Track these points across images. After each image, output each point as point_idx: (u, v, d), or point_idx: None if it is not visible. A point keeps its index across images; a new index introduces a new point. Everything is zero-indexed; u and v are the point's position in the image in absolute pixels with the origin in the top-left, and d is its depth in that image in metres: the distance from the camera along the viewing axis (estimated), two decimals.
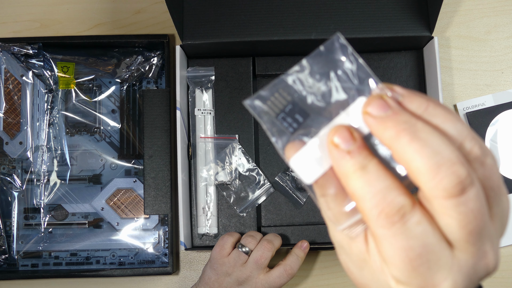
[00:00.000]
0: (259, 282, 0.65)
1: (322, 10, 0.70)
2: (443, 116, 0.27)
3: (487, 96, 0.76)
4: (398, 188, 0.26)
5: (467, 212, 0.25)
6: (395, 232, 0.26)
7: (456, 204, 0.25)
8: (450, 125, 0.26)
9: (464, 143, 0.27)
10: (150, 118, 0.72)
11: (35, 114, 0.76)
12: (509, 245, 0.75)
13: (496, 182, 0.27)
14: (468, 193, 0.25)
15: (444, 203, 0.25)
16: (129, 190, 0.76)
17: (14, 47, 0.75)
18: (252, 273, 0.65)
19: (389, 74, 0.74)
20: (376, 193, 0.26)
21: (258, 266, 0.65)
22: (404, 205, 0.26)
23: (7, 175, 0.75)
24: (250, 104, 0.28)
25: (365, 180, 0.26)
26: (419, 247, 0.26)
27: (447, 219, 0.26)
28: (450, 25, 0.79)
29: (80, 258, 0.75)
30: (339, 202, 0.28)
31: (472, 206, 0.25)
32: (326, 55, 0.29)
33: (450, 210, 0.25)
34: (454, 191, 0.25)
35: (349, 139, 0.27)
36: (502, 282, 0.75)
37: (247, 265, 0.65)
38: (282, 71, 0.74)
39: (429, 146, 0.25)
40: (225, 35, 0.69)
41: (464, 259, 0.26)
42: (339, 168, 0.27)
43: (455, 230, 0.26)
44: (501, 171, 0.75)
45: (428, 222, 0.26)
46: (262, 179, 0.72)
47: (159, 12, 0.79)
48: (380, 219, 0.26)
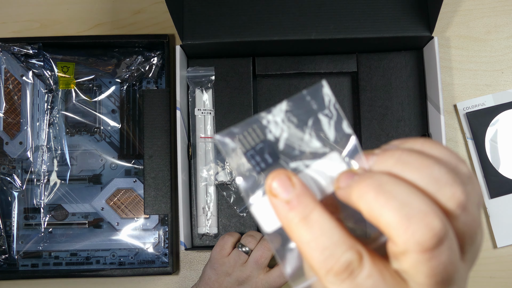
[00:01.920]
0: (259, 282, 0.65)
1: (322, 10, 0.70)
2: (417, 163, 0.24)
3: (487, 96, 0.76)
4: (345, 241, 0.25)
5: (438, 265, 0.24)
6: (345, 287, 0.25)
7: (429, 259, 0.23)
8: (426, 171, 0.24)
9: (443, 189, 0.24)
10: (150, 118, 0.72)
11: (35, 114, 0.76)
12: (509, 245, 0.75)
13: (475, 222, 0.25)
14: (443, 247, 0.23)
15: (417, 257, 0.24)
16: (129, 190, 0.76)
17: (14, 47, 0.75)
18: (252, 273, 0.65)
19: (389, 74, 0.74)
20: (323, 250, 0.25)
21: (258, 266, 0.65)
22: (352, 261, 0.24)
23: (7, 175, 0.75)
24: (220, 140, 0.27)
25: (310, 234, 0.25)
26: None
27: (415, 272, 0.24)
28: (450, 25, 0.79)
29: (80, 258, 0.75)
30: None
31: (445, 260, 0.24)
32: (309, 101, 0.28)
33: (422, 264, 0.24)
34: (429, 245, 0.23)
35: (287, 186, 0.25)
36: (502, 282, 0.75)
37: (247, 265, 0.65)
38: (282, 71, 0.74)
39: (396, 198, 0.23)
40: (225, 35, 0.69)
41: None
42: (281, 220, 0.26)
43: (421, 281, 0.24)
44: (501, 171, 0.75)
45: (378, 273, 0.25)
46: (261, 179, 0.72)
47: (159, 12, 0.79)
48: (329, 277, 0.25)
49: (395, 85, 0.73)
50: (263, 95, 0.74)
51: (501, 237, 0.74)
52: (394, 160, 0.25)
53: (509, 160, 0.75)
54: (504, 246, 0.75)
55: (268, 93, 0.74)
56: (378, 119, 0.73)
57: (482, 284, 0.75)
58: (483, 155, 0.75)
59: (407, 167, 0.25)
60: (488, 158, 0.75)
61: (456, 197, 0.24)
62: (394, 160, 0.25)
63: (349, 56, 0.74)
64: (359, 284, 0.24)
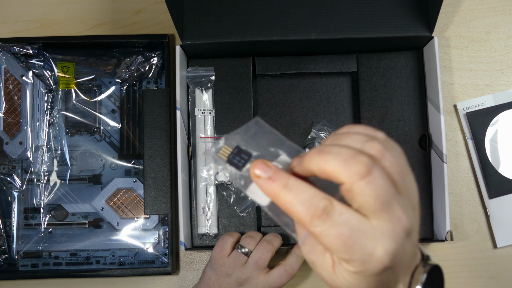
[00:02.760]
0: (259, 283, 0.65)
1: (322, 10, 0.70)
2: (346, 135, 0.36)
3: (487, 96, 0.76)
4: (318, 194, 0.34)
5: (377, 188, 0.33)
6: (327, 226, 0.34)
7: (368, 182, 0.33)
8: (351, 137, 0.36)
9: (364, 144, 0.35)
10: (150, 118, 0.72)
11: (35, 114, 0.76)
12: (509, 245, 0.75)
13: (398, 166, 0.35)
14: (374, 172, 0.33)
15: (359, 185, 0.33)
16: (129, 190, 0.76)
17: (14, 47, 0.75)
18: (252, 274, 0.65)
19: (389, 74, 0.74)
20: (304, 203, 0.34)
21: (258, 267, 0.65)
22: (327, 205, 0.34)
23: (7, 175, 0.75)
24: (213, 156, 0.38)
25: (291, 195, 0.34)
26: (347, 230, 0.33)
27: (363, 198, 0.33)
28: (450, 25, 0.79)
29: (80, 258, 0.75)
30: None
31: (380, 182, 0.33)
32: (254, 129, 0.39)
33: (364, 189, 0.33)
34: (363, 172, 0.33)
35: (265, 168, 0.36)
36: (502, 282, 0.75)
37: (247, 266, 0.65)
38: (282, 71, 0.74)
39: (332, 153, 0.34)
40: (225, 35, 0.69)
41: (383, 225, 0.34)
42: (268, 193, 0.35)
43: (370, 204, 0.33)
44: (501, 171, 0.75)
45: (346, 210, 0.34)
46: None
47: (159, 12, 0.79)
48: (313, 221, 0.34)
49: (395, 85, 0.73)
50: (263, 95, 0.74)
51: (501, 237, 0.74)
52: (332, 137, 0.36)
53: (509, 160, 0.75)
54: (504, 246, 0.75)
55: (268, 93, 0.75)
56: (378, 119, 0.73)
57: (482, 284, 0.75)
58: (483, 155, 0.75)
59: (340, 137, 0.36)
60: (488, 158, 0.75)
61: (374, 146, 0.34)
62: (332, 137, 0.36)
63: (349, 56, 0.74)
64: (336, 221, 0.33)
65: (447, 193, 0.67)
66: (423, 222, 0.71)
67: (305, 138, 0.74)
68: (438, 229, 0.69)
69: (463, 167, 0.76)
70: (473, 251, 0.75)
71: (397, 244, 0.34)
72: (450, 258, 0.75)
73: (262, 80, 0.75)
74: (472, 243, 0.75)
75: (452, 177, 0.76)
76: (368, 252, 0.34)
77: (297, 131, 0.74)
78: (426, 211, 0.72)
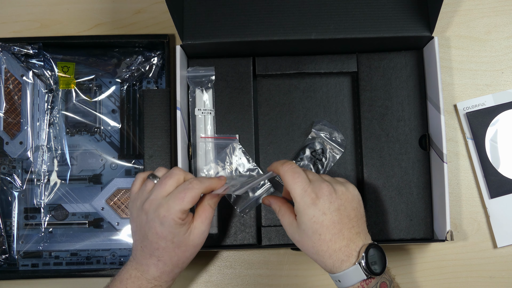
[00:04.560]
0: (162, 205, 0.58)
1: (322, 10, 0.70)
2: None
3: (487, 96, 0.76)
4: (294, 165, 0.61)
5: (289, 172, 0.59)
6: (294, 177, 0.59)
7: (302, 194, 0.58)
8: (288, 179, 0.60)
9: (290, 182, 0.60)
10: (150, 118, 0.72)
11: (35, 114, 0.76)
12: (509, 245, 0.75)
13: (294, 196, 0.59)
14: (308, 189, 0.58)
15: (297, 195, 0.58)
16: (129, 190, 0.76)
17: (14, 47, 0.75)
18: (156, 196, 0.59)
19: (389, 74, 0.74)
20: (289, 167, 0.60)
21: (163, 190, 0.59)
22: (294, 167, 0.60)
23: (7, 175, 0.75)
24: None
25: (288, 168, 0.60)
26: (305, 177, 0.59)
27: (299, 203, 0.58)
28: (450, 25, 0.79)
29: (81, 258, 0.75)
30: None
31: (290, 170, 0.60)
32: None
33: (301, 196, 0.58)
34: (302, 190, 0.58)
35: (284, 161, 0.61)
36: (502, 282, 0.75)
37: (152, 191, 0.60)
38: (282, 71, 0.74)
39: (289, 178, 0.59)
40: (225, 35, 0.70)
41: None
42: (279, 170, 0.61)
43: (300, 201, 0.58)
44: (501, 171, 0.75)
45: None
46: None
47: (159, 12, 0.80)
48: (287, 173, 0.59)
49: (395, 85, 0.73)
50: (263, 95, 0.74)
51: (501, 237, 0.75)
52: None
53: (509, 160, 0.75)
54: (504, 246, 0.75)
55: (268, 93, 0.75)
56: (378, 119, 0.73)
57: (482, 284, 0.75)
58: (483, 155, 0.75)
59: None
60: (488, 158, 0.75)
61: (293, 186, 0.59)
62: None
63: (349, 56, 0.74)
64: (298, 173, 0.60)
65: (447, 193, 0.67)
66: (423, 222, 0.71)
67: (305, 138, 0.74)
68: (438, 229, 0.69)
69: (463, 167, 0.76)
70: (473, 251, 0.75)
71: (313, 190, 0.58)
72: (450, 258, 0.75)
73: (262, 80, 0.75)
74: (472, 243, 0.75)
75: (452, 177, 0.76)
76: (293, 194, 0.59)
77: (297, 131, 0.74)
78: (426, 211, 0.72)
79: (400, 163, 0.72)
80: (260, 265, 0.76)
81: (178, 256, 0.60)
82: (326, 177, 0.61)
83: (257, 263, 0.76)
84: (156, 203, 0.58)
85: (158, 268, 0.60)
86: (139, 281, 0.60)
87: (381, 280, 0.56)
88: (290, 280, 0.75)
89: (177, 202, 0.58)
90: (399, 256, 0.75)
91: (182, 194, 0.58)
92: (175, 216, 0.58)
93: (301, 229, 0.58)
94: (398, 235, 0.71)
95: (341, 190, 0.59)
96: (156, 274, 0.61)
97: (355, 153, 0.74)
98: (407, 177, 0.72)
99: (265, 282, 0.75)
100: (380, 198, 0.72)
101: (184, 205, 0.58)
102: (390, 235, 0.71)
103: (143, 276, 0.60)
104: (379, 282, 0.56)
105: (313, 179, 0.59)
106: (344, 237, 0.56)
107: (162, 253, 0.60)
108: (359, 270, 0.55)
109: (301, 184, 0.58)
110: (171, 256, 0.60)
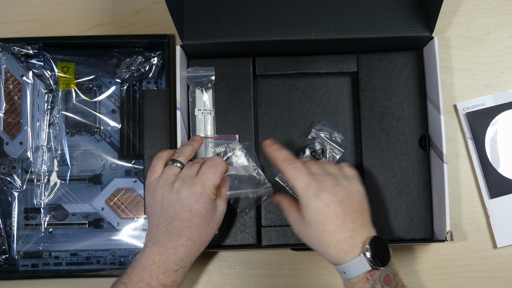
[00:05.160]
0: (196, 182, 0.61)
1: (322, 10, 0.70)
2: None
3: (487, 96, 0.77)
4: (290, 155, 0.63)
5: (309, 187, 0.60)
6: (295, 172, 0.60)
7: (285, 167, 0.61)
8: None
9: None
10: (150, 118, 0.72)
11: (35, 114, 0.76)
12: (509, 245, 0.75)
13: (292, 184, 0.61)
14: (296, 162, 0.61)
15: (300, 190, 0.59)
16: (129, 190, 0.76)
17: (14, 47, 0.75)
18: (186, 176, 0.61)
19: (389, 74, 0.74)
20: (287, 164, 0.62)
21: (192, 169, 0.62)
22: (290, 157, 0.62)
23: (7, 175, 0.75)
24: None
25: (286, 164, 0.61)
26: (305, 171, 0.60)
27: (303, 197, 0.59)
28: (450, 25, 0.79)
29: (80, 258, 0.75)
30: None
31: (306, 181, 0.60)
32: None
33: (305, 189, 0.59)
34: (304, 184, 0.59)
35: (283, 157, 0.63)
36: (502, 282, 0.75)
37: (181, 173, 0.62)
38: (282, 71, 0.74)
39: (290, 171, 0.61)
40: (225, 35, 0.70)
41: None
42: (279, 166, 0.63)
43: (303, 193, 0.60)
44: (501, 171, 0.75)
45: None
46: (262, 179, 0.72)
47: (159, 12, 0.80)
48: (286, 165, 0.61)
49: (395, 85, 0.73)
50: (263, 95, 0.74)
51: (501, 237, 0.75)
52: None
53: (509, 160, 0.75)
54: (504, 246, 0.75)
55: (268, 93, 0.75)
56: (378, 119, 0.73)
57: (482, 284, 0.75)
58: (483, 155, 0.75)
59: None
60: (488, 158, 0.75)
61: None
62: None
63: (349, 56, 0.74)
64: (300, 166, 0.61)
65: (447, 193, 0.67)
66: (423, 222, 0.71)
67: (305, 138, 0.74)
68: (438, 229, 0.69)
69: (463, 167, 0.76)
70: (473, 251, 0.75)
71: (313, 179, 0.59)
72: (450, 258, 0.75)
73: (262, 80, 0.75)
74: (472, 243, 0.75)
75: (452, 177, 0.76)
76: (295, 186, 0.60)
77: (297, 131, 0.74)
78: (426, 211, 0.72)
79: (400, 163, 0.72)
80: (260, 265, 0.76)
81: (207, 233, 0.63)
82: (332, 169, 0.62)
83: (257, 263, 0.76)
84: (189, 181, 0.61)
85: (186, 248, 0.61)
86: (164, 265, 0.61)
87: (385, 273, 0.57)
88: (290, 280, 0.75)
89: (210, 178, 0.61)
90: (399, 256, 0.75)
91: (213, 170, 0.62)
92: (209, 191, 0.61)
93: (305, 222, 0.59)
94: (398, 235, 0.71)
95: (345, 184, 0.60)
96: (183, 255, 0.61)
97: (355, 153, 0.74)
98: (407, 177, 0.72)
99: (265, 282, 0.75)
100: (380, 198, 0.72)
101: (216, 180, 0.62)
102: (390, 235, 0.71)
103: (169, 260, 0.61)
104: (383, 274, 0.56)
105: (316, 172, 0.60)
106: (348, 228, 0.57)
107: (194, 231, 0.61)
108: (363, 261, 0.56)
109: (302, 179, 0.59)
110: (201, 233, 0.62)
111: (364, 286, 0.56)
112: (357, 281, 0.57)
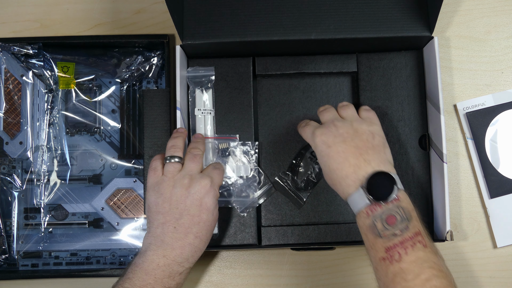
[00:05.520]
0: (205, 177, 0.63)
1: (322, 10, 0.70)
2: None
3: (487, 96, 0.77)
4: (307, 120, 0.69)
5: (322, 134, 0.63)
6: (305, 128, 0.66)
7: (320, 133, 0.63)
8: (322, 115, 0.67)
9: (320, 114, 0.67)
10: (150, 118, 0.72)
11: (35, 114, 0.76)
12: (509, 245, 0.75)
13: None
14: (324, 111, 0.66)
15: (314, 134, 0.63)
16: (129, 190, 0.76)
17: (14, 47, 0.75)
18: (193, 170, 0.63)
19: (389, 74, 0.74)
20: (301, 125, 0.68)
21: (196, 164, 0.64)
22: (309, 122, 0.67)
23: (7, 175, 0.75)
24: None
25: (300, 126, 0.68)
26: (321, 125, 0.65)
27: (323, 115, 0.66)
28: (450, 25, 0.79)
29: (80, 258, 0.75)
30: None
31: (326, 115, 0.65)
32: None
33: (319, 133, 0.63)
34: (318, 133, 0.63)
35: (303, 121, 0.69)
36: (502, 282, 0.75)
37: (185, 168, 0.63)
38: (282, 71, 0.74)
39: (326, 110, 0.66)
40: (225, 35, 0.70)
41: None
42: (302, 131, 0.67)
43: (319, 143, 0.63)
44: (501, 171, 0.75)
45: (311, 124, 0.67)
46: (262, 179, 0.72)
47: (159, 12, 0.80)
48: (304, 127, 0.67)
49: (395, 85, 0.73)
50: (263, 95, 0.74)
51: (501, 237, 0.75)
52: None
53: (509, 160, 0.75)
54: (504, 246, 0.75)
55: (268, 93, 0.75)
56: None
57: (482, 284, 0.75)
58: (483, 155, 0.75)
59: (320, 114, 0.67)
60: (488, 158, 0.75)
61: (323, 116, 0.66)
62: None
63: (349, 56, 0.74)
64: (314, 125, 0.66)
65: (447, 193, 0.67)
66: (423, 222, 0.71)
67: None
68: (438, 229, 0.69)
69: (463, 167, 0.76)
70: (473, 251, 0.75)
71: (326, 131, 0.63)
72: (450, 258, 0.75)
73: (262, 80, 0.75)
74: (472, 243, 0.75)
75: (452, 177, 0.76)
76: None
77: (297, 131, 0.74)
78: (426, 211, 0.72)
79: (400, 163, 0.72)
80: (260, 265, 0.76)
81: (211, 232, 0.63)
82: (348, 112, 0.65)
83: (257, 263, 0.76)
84: (197, 176, 0.62)
85: (193, 247, 0.61)
86: (169, 268, 0.60)
87: (389, 212, 0.56)
88: (290, 280, 0.75)
89: (216, 176, 0.64)
90: None
91: (217, 171, 0.65)
92: (217, 187, 0.63)
93: (321, 168, 0.63)
94: None
95: (354, 125, 0.62)
96: (189, 254, 0.61)
97: None
98: (407, 177, 0.72)
99: (265, 282, 0.75)
100: None
101: (220, 180, 0.65)
102: None
103: (174, 262, 0.60)
104: (385, 212, 0.56)
105: (326, 120, 0.65)
106: (350, 164, 0.59)
107: (202, 227, 0.61)
108: (362, 195, 0.57)
109: (309, 130, 0.64)
110: (207, 230, 0.62)
111: (365, 222, 0.57)
112: (359, 215, 0.58)
